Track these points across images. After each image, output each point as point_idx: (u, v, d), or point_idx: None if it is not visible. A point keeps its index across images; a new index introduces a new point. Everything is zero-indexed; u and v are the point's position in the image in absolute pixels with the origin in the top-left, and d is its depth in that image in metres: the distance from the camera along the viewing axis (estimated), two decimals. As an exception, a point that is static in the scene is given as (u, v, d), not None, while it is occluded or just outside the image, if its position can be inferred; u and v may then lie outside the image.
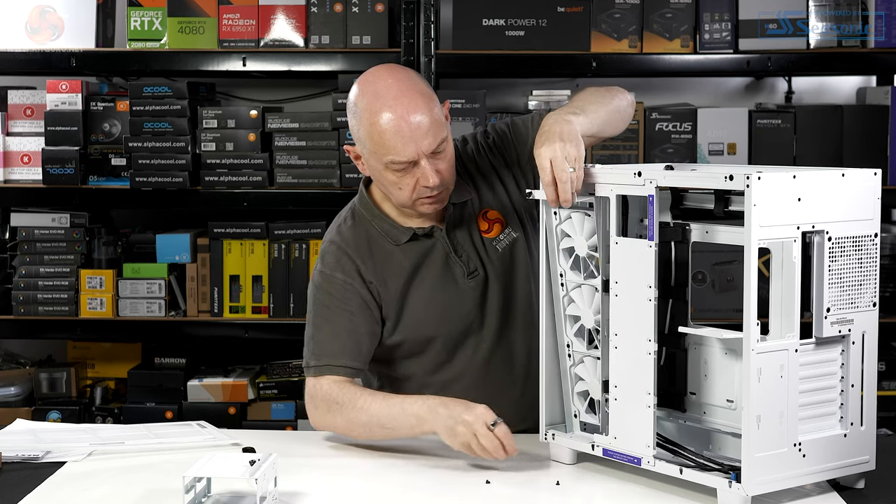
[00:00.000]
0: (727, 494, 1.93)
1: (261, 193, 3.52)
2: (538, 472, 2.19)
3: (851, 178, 1.98)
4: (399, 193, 2.36)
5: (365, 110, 2.32)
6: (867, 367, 2.03)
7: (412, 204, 2.37)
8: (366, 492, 2.12)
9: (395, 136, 2.28)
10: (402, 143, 2.28)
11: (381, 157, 2.31)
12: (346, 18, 3.49)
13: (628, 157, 3.50)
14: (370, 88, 2.34)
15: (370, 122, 2.31)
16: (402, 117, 2.28)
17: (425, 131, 2.29)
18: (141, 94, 3.52)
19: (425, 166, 2.30)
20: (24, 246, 3.60)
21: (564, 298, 2.22)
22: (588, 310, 2.17)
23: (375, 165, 2.35)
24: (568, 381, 2.23)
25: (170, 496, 2.00)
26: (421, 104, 2.30)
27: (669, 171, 2.02)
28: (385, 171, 2.34)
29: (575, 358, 2.21)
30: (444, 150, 2.33)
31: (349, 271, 2.41)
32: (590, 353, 2.18)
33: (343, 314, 2.39)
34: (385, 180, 2.36)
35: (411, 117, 2.28)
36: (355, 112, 2.35)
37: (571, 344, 2.21)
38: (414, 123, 2.28)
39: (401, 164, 2.31)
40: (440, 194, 2.36)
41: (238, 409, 3.61)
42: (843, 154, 3.49)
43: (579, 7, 3.45)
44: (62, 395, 3.69)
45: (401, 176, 2.32)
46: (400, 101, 2.29)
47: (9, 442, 2.36)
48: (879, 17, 3.44)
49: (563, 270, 2.21)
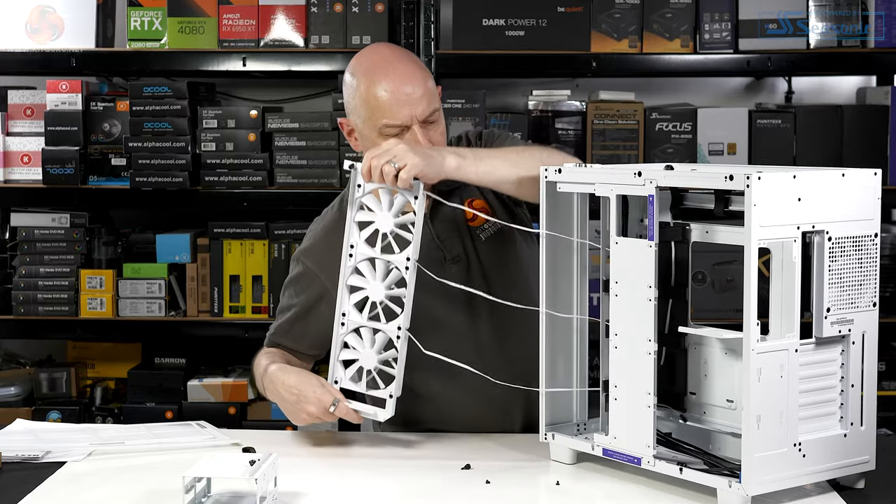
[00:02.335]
0: (727, 494, 1.93)
1: (261, 193, 3.52)
2: (538, 472, 2.19)
3: (851, 178, 1.98)
4: None
5: (361, 77, 2.40)
6: (867, 367, 2.03)
7: None
8: (366, 492, 2.12)
9: (390, 99, 2.36)
10: (397, 106, 2.36)
11: (376, 122, 2.38)
12: (346, 18, 3.49)
13: (628, 157, 3.50)
14: (366, 59, 2.44)
15: (366, 88, 2.38)
16: (397, 82, 2.37)
17: (419, 97, 2.37)
18: (141, 94, 3.52)
19: (417, 132, 2.37)
20: (24, 246, 3.60)
21: (349, 269, 2.30)
22: (376, 283, 2.27)
23: (369, 134, 2.41)
24: (337, 346, 2.33)
25: (170, 496, 2.00)
26: (416, 73, 2.40)
27: (669, 171, 2.02)
28: (378, 139, 2.38)
29: (349, 326, 2.32)
30: (436, 122, 2.42)
31: (319, 259, 2.48)
32: (368, 324, 2.29)
33: (301, 301, 2.50)
34: None
35: (406, 83, 2.37)
36: (351, 83, 2.43)
37: (348, 314, 2.31)
38: (409, 89, 2.37)
39: (394, 128, 2.37)
40: None
41: (238, 409, 3.61)
42: (843, 154, 3.49)
43: (579, 7, 3.45)
44: (62, 395, 3.69)
45: None
46: (396, 69, 2.39)
47: (9, 442, 2.36)
48: (879, 17, 3.44)
49: (355, 242, 2.29)
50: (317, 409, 2.28)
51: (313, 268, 2.49)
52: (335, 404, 2.28)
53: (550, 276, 2.23)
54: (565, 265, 2.25)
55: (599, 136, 3.52)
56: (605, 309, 2.13)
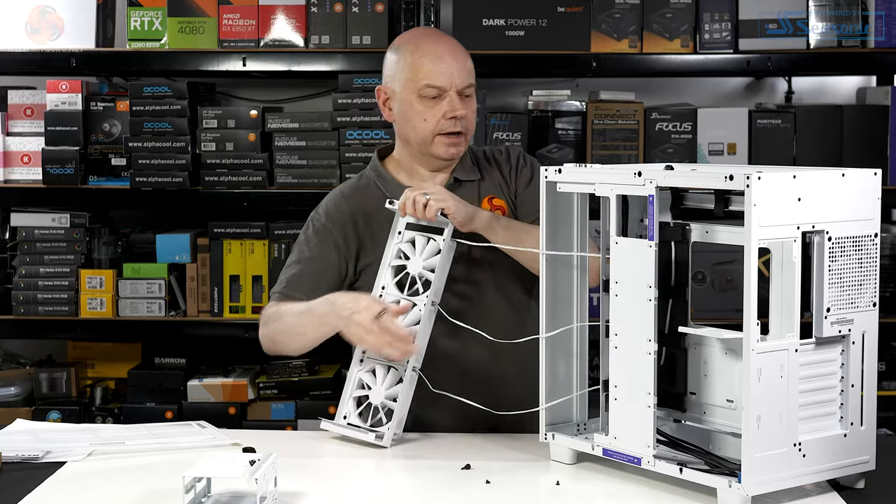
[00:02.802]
0: (727, 494, 1.93)
1: (261, 193, 3.52)
2: (538, 472, 2.19)
3: (851, 178, 1.98)
4: (423, 126, 2.53)
5: (407, 45, 2.58)
6: (867, 367, 2.03)
7: (432, 140, 2.54)
8: (366, 492, 2.12)
9: (435, 61, 2.53)
10: (440, 69, 2.52)
11: (417, 83, 2.53)
12: (346, 18, 3.49)
13: (628, 157, 3.50)
14: (413, 33, 2.69)
15: (412, 52, 2.55)
16: (443, 50, 2.56)
17: (460, 68, 2.55)
18: (141, 94, 3.52)
19: (454, 98, 2.52)
20: (24, 246, 3.60)
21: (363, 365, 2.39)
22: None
23: (407, 97, 2.54)
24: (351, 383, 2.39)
25: (170, 496, 2.00)
26: (459, 50, 2.60)
27: (669, 171, 2.02)
28: (415, 102, 2.53)
29: (367, 364, 2.40)
30: (470, 97, 2.57)
31: (334, 218, 2.58)
32: (381, 361, 2.37)
33: (315, 257, 2.56)
34: (412, 113, 2.54)
35: (451, 54, 2.56)
36: (397, 50, 2.59)
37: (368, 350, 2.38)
38: (452, 59, 2.55)
39: (434, 90, 2.52)
40: (459, 140, 2.55)
41: (238, 409, 3.61)
42: (843, 154, 3.49)
43: (579, 7, 3.45)
44: (62, 395, 3.69)
45: (429, 106, 2.52)
46: (442, 41, 2.60)
47: (9, 442, 2.36)
48: (879, 17, 3.44)
49: (386, 284, 2.41)
50: (365, 318, 2.30)
51: (328, 224, 2.58)
52: (384, 312, 2.30)
53: (550, 276, 2.23)
54: (565, 265, 2.25)
55: (599, 136, 3.52)
56: (605, 309, 2.13)
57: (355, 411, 2.38)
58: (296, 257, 2.60)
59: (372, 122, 3.48)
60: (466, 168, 2.62)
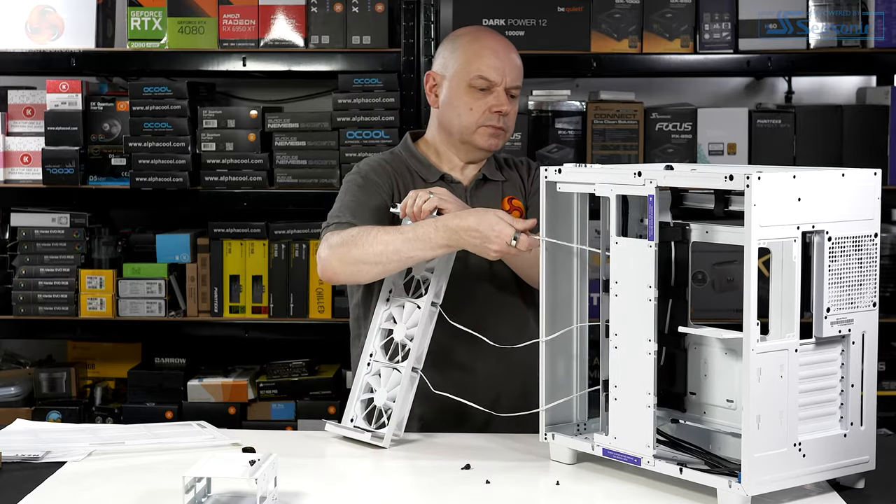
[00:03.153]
0: (727, 494, 1.93)
1: (261, 193, 3.52)
2: (538, 472, 2.19)
3: (851, 178, 1.98)
4: (468, 115, 2.59)
5: (467, 35, 2.65)
6: (867, 367, 2.03)
7: (475, 130, 2.59)
8: (366, 492, 2.12)
9: (491, 55, 2.59)
10: (494, 65, 2.58)
11: (470, 70, 2.58)
12: (346, 18, 3.49)
13: (628, 157, 3.50)
14: (475, 27, 2.77)
15: (470, 42, 2.62)
16: (500, 47, 2.63)
17: (513, 67, 2.62)
18: (141, 94, 3.52)
19: (502, 93, 2.58)
20: (24, 246, 3.60)
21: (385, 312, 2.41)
22: (401, 324, 2.38)
23: (457, 84, 2.60)
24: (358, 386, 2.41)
25: (170, 496, 2.00)
26: (514, 52, 2.66)
27: (669, 171, 2.02)
28: (464, 91, 2.59)
29: (374, 367, 2.40)
30: (515, 98, 2.63)
31: (381, 176, 2.60)
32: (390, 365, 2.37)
33: (370, 198, 2.56)
34: (460, 101, 2.59)
35: (507, 51, 2.63)
36: (455, 39, 2.66)
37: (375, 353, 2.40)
38: (508, 57, 2.62)
39: (484, 82, 2.57)
40: (500, 133, 2.61)
41: (238, 409, 3.61)
42: (843, 154, 3.49)
43: (579, 7, 3.45)
44: (62, 395, 3.69)
45: (477, 97, 2.58)
46: (501, 40, 2.66)
47: (9, 442, 2.36)
48: (879, 17, 3.44)
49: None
50: (500, 247, 2.29)
51: (377, 178, 2.59)
52: (516, 238, 2.29)
53: (550, 276, 2.23)
54: (565, 265, 2.25)
55: (599, 136, 3.51)
56: (605, 309, 2.13)
57: (362, 414, 2.38)
58: (349, 200, 2.56)
59: (372, 122, 3.48)
60: (492, 168, 2.68)
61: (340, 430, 2.38)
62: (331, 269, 2.46)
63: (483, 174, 2.66)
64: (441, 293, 2.38)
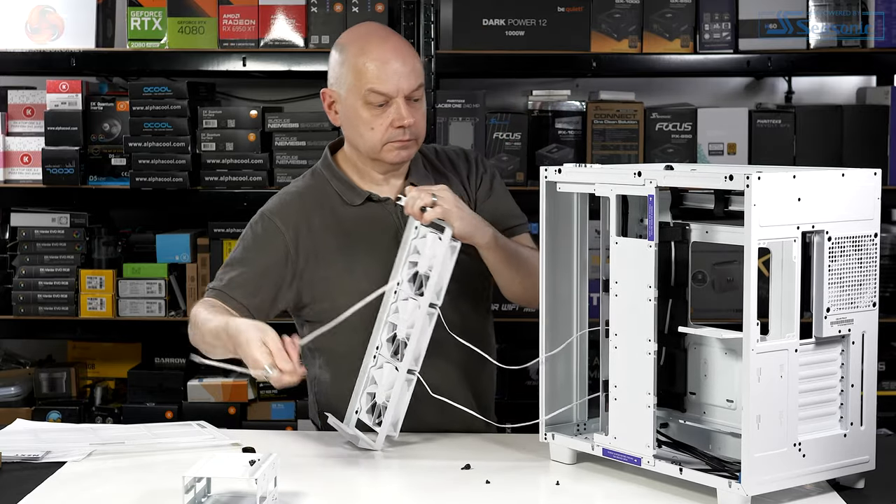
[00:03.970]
0: (727, 494, 1.93)
1: (261, 193, 3.51)
2: (538, 472, 2.19)
3: (851, 178, 1.98)
4: (371, 135, 2.42)
5: (352, 45, 2.44)
6: (867, 367, 2.03)
7: (381, 148, 2.43)
8: (366, 492, 2.12)
9: (380, 67, 2.40)
10: (386, 74, 2.39)
11: (361, 88, 2.40)
12: (346, 18, 3.49)
13: (628, 157, 3.50)
14: (358, 31, 2.50)
15: (355, 55, 2.42)
16: (388, 52, 2.41)
17: (408, 71, 2.41)
18: (141, 94, 3.52)
19: (401, 105, 2.40)
20: (24, 246, 3.60)
21: (392, 305, 2.32)
22: (404, 323, 2.29)
23: (352, 103, 2.43)
24: (364, 377, 2.34)
25: (170, 496, 2.00)
26: (406, 49, 2.45)
27: (669, 171, 2.02)
28: (361, 109, 2.42)
29: (379, 361, 2.32)
30: (419, 100, 2.45)
31: (287, 221, 2.46)
32: (391, 362, 2.30)
33: (261, 258, 2.44)
34: (359, 121, 2.43)
35: (397, 56, 2.42)
36: (340, 49, 2.46)
37: (381, 347, 2.32)
38: (398, 62, 2.41)
39: (379, 96, 2.39)
40: (409, 143, 2.44)
41: (238, 409, 3.61)
42: (843, 154, 3.49)
43: (579, 7, 3.45)
44: (62, 395, 3.69)
45: (376, 114, 2.41)
46: (388, 41, 2.44)
47: (9, 442, 2.36)
48: (879, 17, 3.44)
49: (401, 280, 2.32)
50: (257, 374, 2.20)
51: (281, 226, 2.47)
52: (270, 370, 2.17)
53: (550, 276, 2.23)
54: (565, 265, 2.25)
55: (599, 136, 3.52)
56: (605, 309, 2.13)
57: (367, 406, 2.35)
58: (240, 255, 2.47)
59: (372, 122, 3.48)
60: (420, 173, 2.54)
61: (337, 425, 2.36)
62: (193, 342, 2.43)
63: (411, 182, 2.49)
64: (441, 294, 2.32)
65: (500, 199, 2.58)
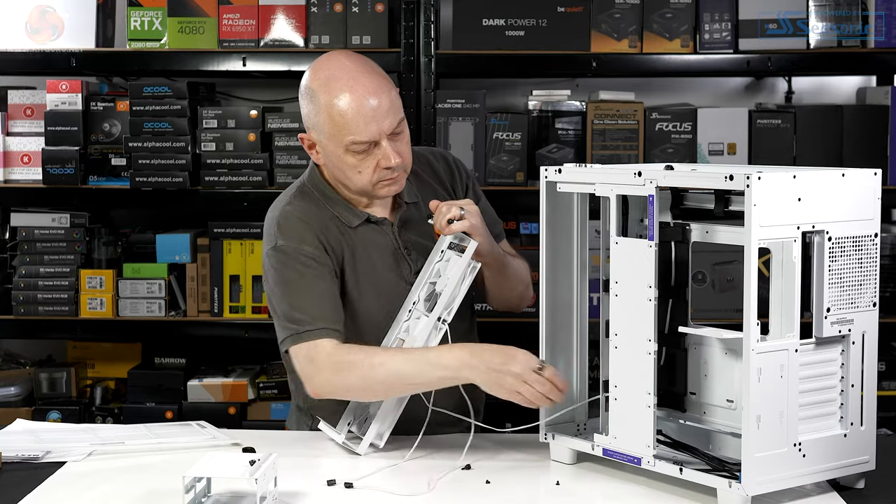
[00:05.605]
0: (727, 494, 1.93)
1: (261, 193, 3.52)
2: (538, 472, 2.19)
3: (851, 178, 1.98)
4: (359, 178, 2.36)
5: (323, 93, 2.32)
6: (867, 367, 2.03)
7: (372, 188, 2.37)
8: (366, 492, 2.12)
9: (356, 117, 2.29)
10: (364, 123, 2.29)
11: (342, 139, 2.31)
12: (346, 18, 3.49)
13: (628, 157, 3.50)
14: (325, 72, 2.35)
15: (329, 105, 2.31)
16: (362, 97, 2.30)
17: (385, 111, 2.31)
18: (141, 94, 3.52)
19: (386, 147, 2.32)
20: (24, 246, 3.60)
21: (405, 322, 2.31)
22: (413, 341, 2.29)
23: (334, 150, 2.34)
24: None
25: (170, 496, 2.00)
26: (379, 84, 2.33)
27: (669, 171, 2.02)
28: (345, 156, 2.33)
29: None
30: (402, 132, 2.36)
31: (313, 242, 2.36)
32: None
33: (320, 282, 2.33)
34: (344, 165, 2.35)
35: (371, 97, 2.30)
36: (312, 96, 2.35)
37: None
38: (374, 103, 2.30)
39: (362, 146, 2.31)
40: (399, 176, 2.38)
41: (238, 409, 3.61)
42: (843, 154, 3.49)
43: (579, 7, 3.45)
44: (62, 395, 3.69)
45: (361, 159, 2.33)
46: (359, 82, 2.31)
47: (9, 442, 2.36)
48: (879, 17, 3.44)
49: (417, 299, 2.32)
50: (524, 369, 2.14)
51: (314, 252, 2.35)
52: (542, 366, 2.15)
53: (551, 276, 2.23)
54: (565, 265, 2.25)
55: (599, 136, 3.51)
56: (605, 309, 2.13)
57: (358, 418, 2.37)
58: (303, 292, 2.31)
59: (372, 122, 3.48)
60: (410, 190, 2.48)
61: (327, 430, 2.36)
62: (326, 394, 2.30)
63: (404, 202, 2.45)
64: (453, 311, 2.29)
65: (484, 207, 2.54)
